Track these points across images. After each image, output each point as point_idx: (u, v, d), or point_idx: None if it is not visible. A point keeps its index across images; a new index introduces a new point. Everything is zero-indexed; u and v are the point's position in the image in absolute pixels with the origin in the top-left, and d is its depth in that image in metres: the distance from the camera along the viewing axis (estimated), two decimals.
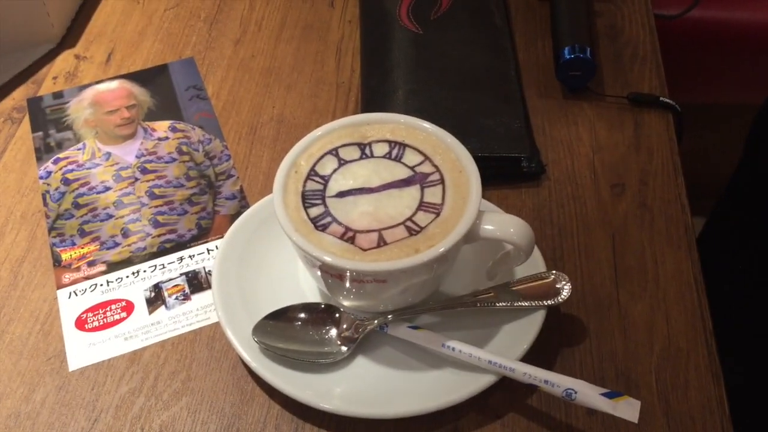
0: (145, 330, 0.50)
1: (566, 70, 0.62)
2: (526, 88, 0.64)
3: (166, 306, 0.51)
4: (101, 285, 0.52)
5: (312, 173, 0.45)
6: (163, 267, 0.53)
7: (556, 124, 0.61)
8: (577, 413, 0.44)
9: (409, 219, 0.43)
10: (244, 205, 0.57)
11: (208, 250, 0.54)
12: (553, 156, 0.59)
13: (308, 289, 0.50)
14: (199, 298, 0.51)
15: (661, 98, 0.62)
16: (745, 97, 1.16)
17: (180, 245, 0.54)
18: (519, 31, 0.69)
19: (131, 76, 0.67)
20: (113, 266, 0.53)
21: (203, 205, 0.57)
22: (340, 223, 0.43)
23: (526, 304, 0.47)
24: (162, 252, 0.54)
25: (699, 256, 0.52)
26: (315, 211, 0.44)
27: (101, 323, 0.50)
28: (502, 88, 0.61)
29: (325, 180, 0.45)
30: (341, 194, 0.44)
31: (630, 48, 0.68)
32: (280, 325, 0.46)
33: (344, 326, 0.46)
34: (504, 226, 0.44)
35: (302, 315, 0.47)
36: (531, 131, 0.60)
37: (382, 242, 0.42)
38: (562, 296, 0.47)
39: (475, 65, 0.62)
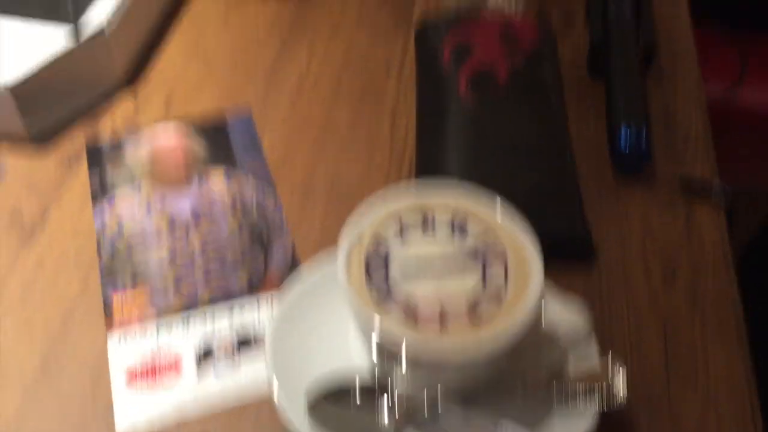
0: (193, 397, 0.50)
1: (622, 154, 0.62)
2: (577, 167, 0.64)
3: (214, 366, 0.51)
4: (152, 334, 0.52)
5: (375, 246, 0.46)
6: (213, 319, 0.53)
7: (607, 205, 0.62)
8: None
9: (472, 302, 0.43)
10: (295, 263, 0.57)
11: (258, 306, 0.54)
12: (603, 238, 0.59)
13: (357, 357, 0.50)
14: (249, 356, 0.51)
15: (714, 182, 0.62)
16: None
17: (231, 299, 0.55)
18: (571, 110, 0.70)
19: (188, 124, 0.68)
20: (164, 315, 0.53)
21: (255, 261, 0.57)
22: (402, 302, 0.43)
23: (578, 400, 0.46)
24: (213, 304, 0.54)
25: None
26: (378, 287, 0.44)
27: (151, 381, 0.50)
28: (557, 167, 0.61)
29: (388, 255, 0.45)
30: (404, 271, 0.44)
31: (682, 130, 0.68)
32: (334, 411, 0.46)
33: (397, 410, 0.46)
34: (566, 322, 0.44)
35: (358, 399, 0.47)
36: (584, 213, 0.60)
37: (444, 325, 0.42)
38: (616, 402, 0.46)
39: (531, 143, 0.62)
